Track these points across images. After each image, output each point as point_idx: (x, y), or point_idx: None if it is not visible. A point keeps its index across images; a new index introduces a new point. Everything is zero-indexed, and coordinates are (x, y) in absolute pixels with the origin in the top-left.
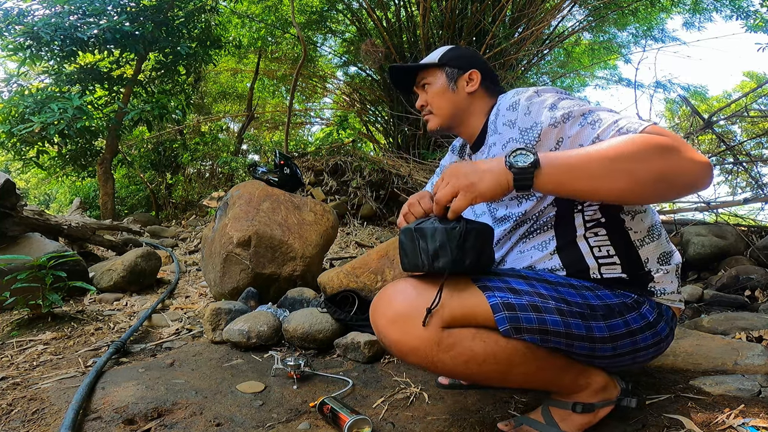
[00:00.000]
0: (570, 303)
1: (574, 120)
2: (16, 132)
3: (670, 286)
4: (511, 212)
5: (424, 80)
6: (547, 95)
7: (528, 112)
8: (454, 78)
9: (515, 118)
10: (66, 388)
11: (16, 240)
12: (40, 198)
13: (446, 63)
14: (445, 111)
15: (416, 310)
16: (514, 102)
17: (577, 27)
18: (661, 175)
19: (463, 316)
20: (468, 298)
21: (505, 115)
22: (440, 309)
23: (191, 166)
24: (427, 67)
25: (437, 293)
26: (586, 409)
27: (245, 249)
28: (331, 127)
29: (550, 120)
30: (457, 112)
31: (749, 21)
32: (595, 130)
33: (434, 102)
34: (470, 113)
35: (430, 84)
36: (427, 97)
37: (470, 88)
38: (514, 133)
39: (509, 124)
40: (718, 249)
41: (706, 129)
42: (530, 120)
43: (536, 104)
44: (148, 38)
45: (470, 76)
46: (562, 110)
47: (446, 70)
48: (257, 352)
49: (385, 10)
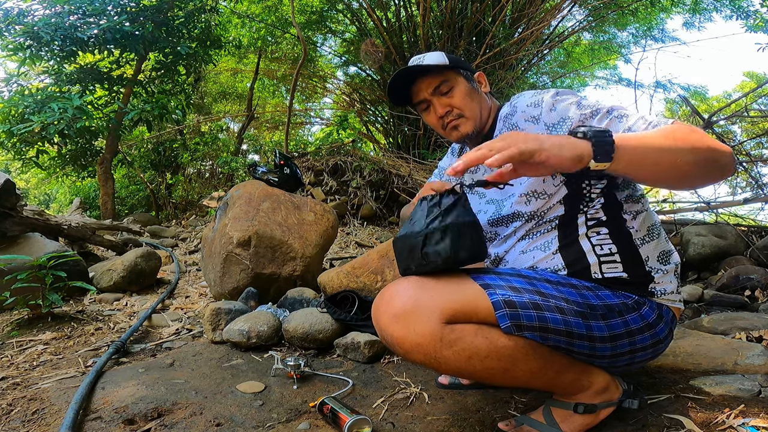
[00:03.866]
0: (570, 302)
1: (602, 115)
2: (16, 132)
3: (670, 286)
4: (519, 210)
5: (443, 84)
6: (567, 96)
7: (553, 108)
8: (471, 79)
9: (539, 113)
10: (66, 388)
11: (16, 240)
12: (40, 198)
13: (458, 65)
14: (476, 112)
15: (418, 306)
16: (535, 100)
17: (577, 27)
18: (711, 153)
19: (464, 313)
20: (469, 295)
21: (525, 111)
22: (442, 305)
23: (191, 166)
24: (443, 70)
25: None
26: (587, 409)
27: (245, 249)
28: (331, 127)
29: (580, 116)
30: (484, 113)
31: (749, 21)
32: (623, 123)
33: (465, 104)
34: (489, 114)
35: (455, 86)
36: (453, 101)
37: (485, 88)
38: (539, 129)
39: (533, 120)
40: (718, 249)
41: (706, 129)
42: (557, 116)
43: (561, 101)
44: (148, 38)
45: (479, 78)
46: (589, 108)
47: (462, 72)
48: (257, 352)
49: (385, 10)
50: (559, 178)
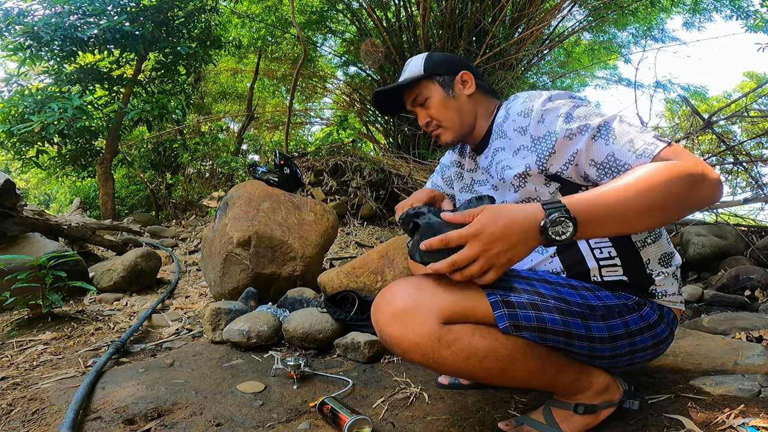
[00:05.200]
0: (569, 303)
1: (589, 133)
2: (16, 132)
3: (671, 288)
4: None
5: (418, 96)
6: (560, 102)
7: (542, 119)
8: (449, 84)
9: (527, 124)
10: (66, 388)
11: (16, 240)
12: (40, 198)
13: (434, 72)
14: (454, 120)
15: (417, 306)
16: (526, 108)
17: (577, 27)
18: (690, 205)
19: (462, 314)
20: (468, 295)
21: (516, 121)
22: (440, 305)
23: (191, 166)
24: (416, 83)
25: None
26: (588, 410)
27: (245, 249)
28: (331, 127)
29: (565, 131)
30: (465, 118)
31: (749, 21)
32: (609, 145)
33: (440, 114)
34: (476, 116)
35: (429, 97)
36: (429, 111)
37: (468, 90)
38: (525, 141)
39: (520, 130)
40: (718, 249)
41: (706, 129)
42: (544, 129)
43: (550, 112)
44: (148, 38)
45: (463, 78)
46: (578, 121)
47: (437, 79)
48: (257, 352)
49: (385, 10)
50: (554, 185)
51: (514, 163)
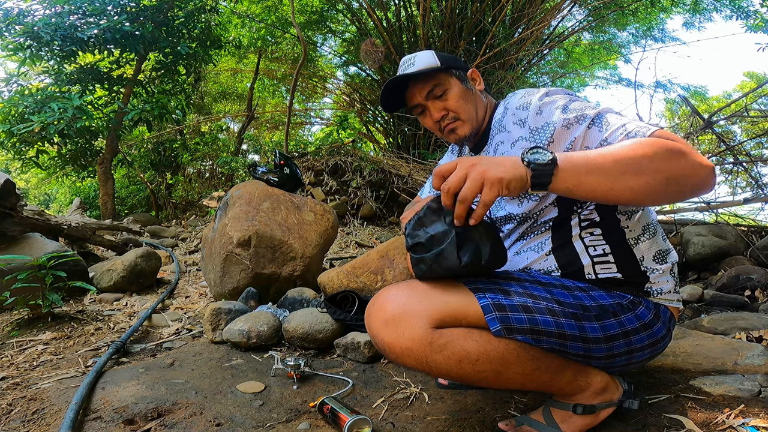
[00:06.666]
0: (562, 303)
1: (585, 122)
2: (16, 132)
3: (667, 286)
4: (512, 212)
5: (436, 87)
6: (557, 96)
7: (539, 111)
8: (464, 78)
9: (526, 116)
10: (66, 388)
11: (16, 240)
12: (40, 198)
13: (451, 65)
14: (472, 113)
15: (407, 311)
16: (525, 102)
17: (577, 27)
18: (671, 177)
19: (454, 318)
20: (459, 299)
21: (515, 114)
22: (431, 310)
23: (191, 166)
24: (435, 73)
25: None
26: (587, 410)
27: (245, 249)
28: (331, 127)
29: (563, 121)
30: (480, 112)
31: (749, 21)
32: (603, 132)
33: (459, 106)
34: (483, 112)
35: (448, 89)
36: (448, 103)
37: (479, 86)
38: (524, 132)
39: (519, 123)
40: (718, 249)
41: (706, 129)
42: (542, 120)
43: (548, 105)
44: (148, 38)
45: (472, 75)
46: (575, 112)
47: (454, 72)
48: (257, 352)
49: (385, 10)
50: None
51: (513, 153)
